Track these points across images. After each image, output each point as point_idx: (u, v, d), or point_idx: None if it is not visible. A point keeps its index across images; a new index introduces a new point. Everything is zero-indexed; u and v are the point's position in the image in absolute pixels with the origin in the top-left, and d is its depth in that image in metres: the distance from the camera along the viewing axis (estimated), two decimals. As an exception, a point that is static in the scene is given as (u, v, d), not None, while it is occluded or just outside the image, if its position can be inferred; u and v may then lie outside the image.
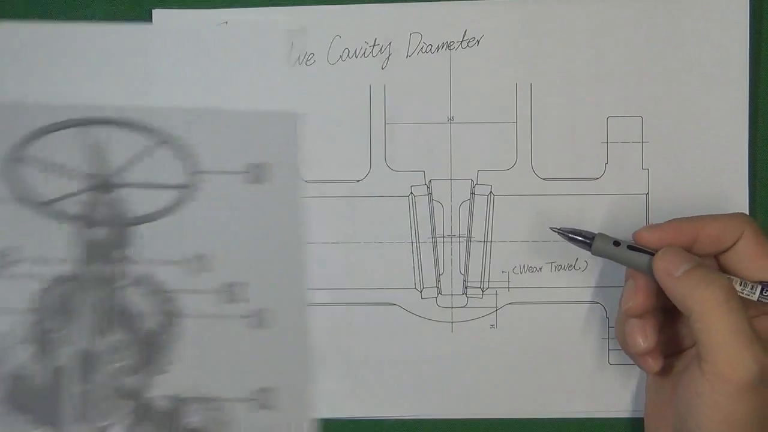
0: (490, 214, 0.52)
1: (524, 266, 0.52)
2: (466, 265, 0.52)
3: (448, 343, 0.52)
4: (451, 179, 0.52)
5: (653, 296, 0.45)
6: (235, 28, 0.52)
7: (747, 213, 0.49)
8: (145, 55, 0.51)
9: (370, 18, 0.52)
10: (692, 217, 0.45)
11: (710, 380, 0.40)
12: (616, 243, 0.45)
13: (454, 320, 0.52)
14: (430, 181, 0.52)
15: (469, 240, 0.52)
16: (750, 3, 0.51)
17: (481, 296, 0.52)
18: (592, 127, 0.51)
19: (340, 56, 0.52)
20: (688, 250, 0.44)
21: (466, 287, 0.52)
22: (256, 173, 0.51)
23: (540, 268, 0.52)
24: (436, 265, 0.52)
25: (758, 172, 0.52)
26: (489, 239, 0.52)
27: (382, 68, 0.52)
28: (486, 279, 0.52)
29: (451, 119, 0.52)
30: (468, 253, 0.52)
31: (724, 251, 0.44)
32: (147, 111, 0.51)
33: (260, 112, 0.51)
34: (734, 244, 0.44)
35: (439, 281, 0.52)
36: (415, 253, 0.52)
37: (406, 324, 0.52)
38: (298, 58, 0.52)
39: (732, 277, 0.44)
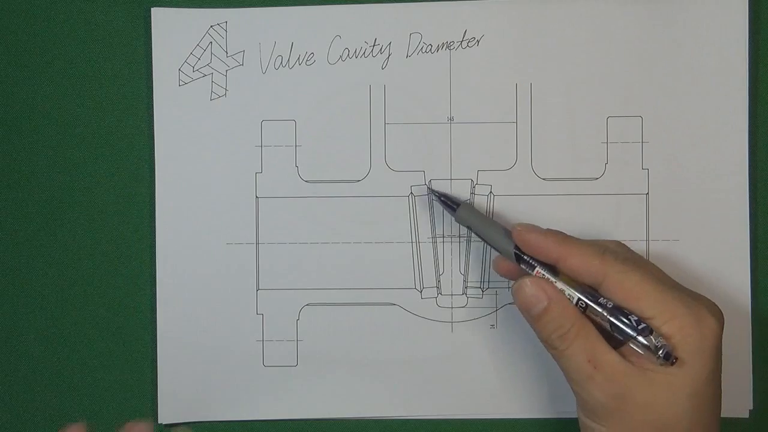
0: (490, 214, 0.52)
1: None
2: (466, 265, 0.52)
3: (448, 343, 0.52)
4: (451, 179, 0.52)
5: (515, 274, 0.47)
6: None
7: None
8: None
9: (370, 18, 0.51)
10: (570, 241, 0.45)
11: (578, 406, 0.45)
12: (469, 226, 0.49)
13: (454, 320, 0.52)
14: (431, 181, 0.52)
15: (469, 240, 0.52)
16: (750, 3, 0.51)
17: (481, 296, 0.52)
18: (592, 127, 0.51)
19: (340, 56, 0.52)
20: (552, 265, 0.45)
21: (466, 287, 0.52)
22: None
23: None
24: (436, 265, 0.52)
25: (758, 172, 0.52)
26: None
27: (382, 68, 0.52)
28: (486, 279, 0.52)
29: (451, 119, 0.52)
30: (468, 253, 0.52)
31: (593, 285, 0.44)
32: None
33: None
34: (599, 285, 0.44)
35: (439, 281, 0.52)
36: (415, 253, 0.52)
37: (406, 324, 0.52)
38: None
39: (569, 291, 0.44)
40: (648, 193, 0.51)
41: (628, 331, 0.42)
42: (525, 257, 0.46)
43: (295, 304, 0.52)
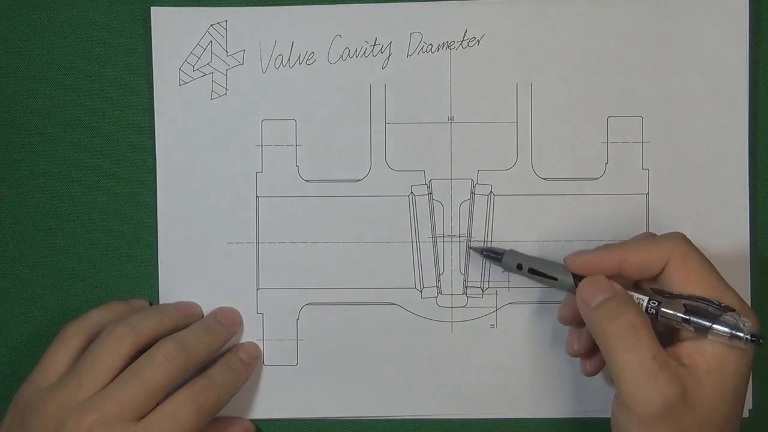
0: (490, 214, 0.52)
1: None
2: (466, 265, 0.52)
3: (448, 343, 0.52)
4: (451, 179, 0.52)
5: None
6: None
7: (682, 233, 0.45)
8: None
9: (371, 18, 0.51)
10: (620, 244, 0.45)
11: (621, 409, 0.42)
12: (519, 266, 0.48)
13: (454, 320, 0.52)
14: (431, 180, 0.52)
15: (469, 240, 0.52)
16: (750, 3, 0.51)
17: (481, 296, 0.52)
18: (592, 127, 0.51)
19: (341, 56, 0.52)
20: (617, 276, 0.45)
21: (466, 287, 0.52)
22: (256, 173, 0.51)
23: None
24: (436, 265, 0.52)
25: (758, 172, 0.52)
26: (489, 239, 0.52)
27: (383, 68, 0.52)
28: (486, 279, 0.52)
29: (451, 119, 0.52)
30: (468, 252, 0.52)
31: (656, 275, 0.44)
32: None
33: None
34: (663, 270, 0.44)
35: (439, 281, 0.52)
36: (415, 253, 0.52)
37: (406, 324, 0.52)
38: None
39: (636, 296, 0.44)
40: (648, 193, 0.51)
41: (708, 317, 0.42)
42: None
43: (295, 303, 0.52)
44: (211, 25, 0.52)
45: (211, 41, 0.52)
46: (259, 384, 0.52)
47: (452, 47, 0.51)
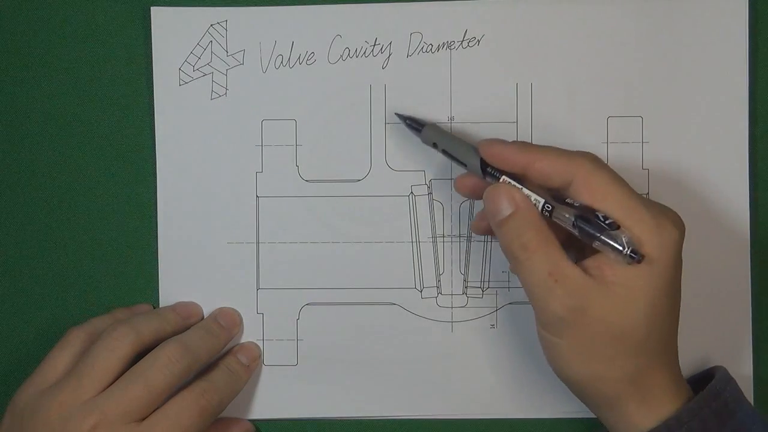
0: (490, 214, 0.52)
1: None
2: (466, 265, 0.52)
3: (448, 343, 0.52)
4: (451, 179, 0.52)
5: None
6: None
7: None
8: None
9: (371, 18, 0.51)
10: (534, 147, 0.45)
11: (535, 320, 0.45)
12: (435, 145, 0.48)
13: (454, 320, 0.52)
14: (431, 180, 0.52)
15: (469, 240, 0.52)
16: (750, 3, 0.51)
17: (481, 296, 0.52)
18: (592, 127, 0.51)
19: (341, 56, 0.52)
20: (523, 175, 0.44)
21: (466, 287, 0.52)
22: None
23: (487, 239, 0.52)
24: (436, 265, 0.52)
25: (758, 172, 0.52)
26: (489, 239, 0.52)
27: (383, 68, 0.52)
28: (486, 279, 0.52)
29: (451, 119, 0.52)
30: (468, 253, 0.52)
31: (560, 188, 0.44)
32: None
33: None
34: (570, 186, 0.44)
35: (439, 281, 0.52)
36: (415, 253, 0.52)
37: (406, 324, 0.52)
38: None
39: (534, 197, 0.44)
40: (648, 193, 0.51)
41: (595, 229, 0.42)
42: (490, 170, 0.45)
43: (295, 303, 0.52)
44: (211, 25, 0.52)
45: (211, 41, 0.52)
46: (259, 384, 0.52)
47: (452, 47, 0.51)
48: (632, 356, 0.43)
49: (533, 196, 0.44)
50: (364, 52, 0.52)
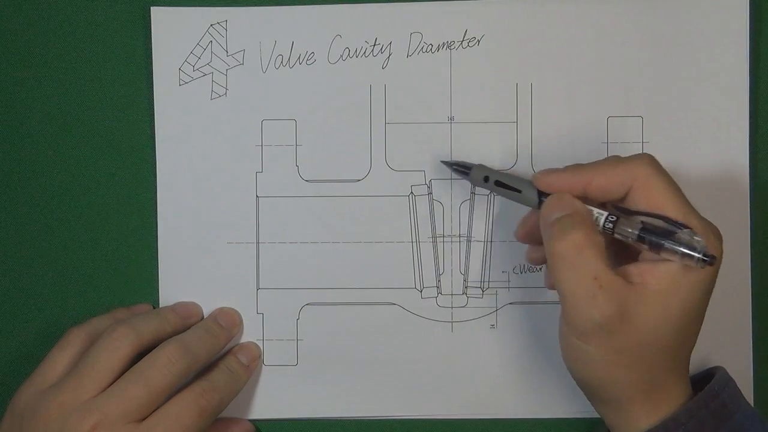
0: (490, 214, 0.52)
1: (524, 266, 0.52)
2: (466, 265, 0.52)
3: (448, 343, 0.52)
4: (451, 179, 0.52)
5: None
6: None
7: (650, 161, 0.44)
8: (145, 54, 0.51)
9: (371, 18, 0.51)
10: (588, 166, 0.45)
11: (563, 321, 0.43)
12: (486, 178, 0.47)
13: (454, 320, 0.52)
14: (431, 180, 0.52)
15: (469, 240, 0.52)
16: (750, 3, 0.51)
17: (481, 296, 0.52)
18: (592, 127, 0.51)
19: (341, 56, 0.52)
20: (582, 197, 0.44)
21: (466, 287, 0.52)
22: (256, 173, 0.51)
23: (540, 268, 0.52)
24: (436, 265, 0.52)
25: (758, 172, 0.52)
26: (489, 239, 0.52)
27: (383, 68, 0.52)
28: (486, 279, 0.52)
29: (451, 119, 0.52)
30: (468, 253, 0.52)
31: (621, 198, 0.44)
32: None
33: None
34: (627, 193, 0.44)
35: (439, 281, 0.52)
36: (415, 253, 0.52)
37: (406, 324, 0.52)
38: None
39: (595, 210, 0.44)
40: (648, 193, 0.51)
41: (662, 235, 0.42)
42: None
43: (295, 303, 0.52)
44: (211, 25, 0.52)
45: (211, 41, 0.52)
46: (259, 384, 0.52)
47: (452, 47, 0.51)
48: (655, 362, 0.43)
49: (595, 210, 0.44)
50: (364, 52, 0.52)
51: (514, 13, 0.51)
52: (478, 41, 0.51)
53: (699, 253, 0.41)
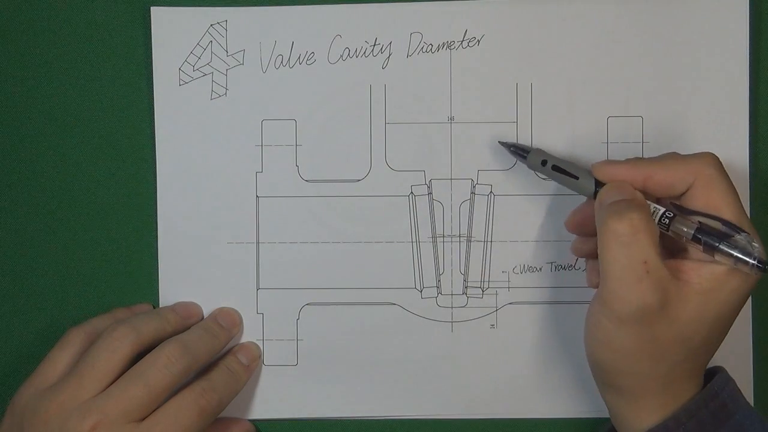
0: (490, 214, 0.52)
1: (524, 266, 0.52)
2: (466, 265, 0.52)
3: (448, 343, 0.52)
4: (451, 179, 0.52)
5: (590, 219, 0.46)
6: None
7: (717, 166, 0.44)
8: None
9: (371, 18, 0.51)
10: (648, 160, 0.45)
11: (600, 303, 0.43)
12: (544, 162, 0.47)
13: (454, 320, 0.52)
14: (431, 180, 0.52)
15: (469, 240, 0.52)
16: (750, 3, 0.51)
17: (481, 296, 0.52)
18: (592, 127, 0.51)
19: (341, 56, 0.52)
20: (641, 190, 0.44)
21: (466, 287, 0.52)
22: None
23: (540, 268, 0.52)
24: (436, 265, 0.52)
25: (758, 173, 0.52)
26: (489, 239, 0.52)
27: (383, 68, 0.52)
28: (486, 279, 0.52)
29: (451, 119, 0.52)
30: (468, 253, 0.52)
31: (679, 195, 0.44)
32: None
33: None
34: (687, 191, 0.44)
35: (439, 281, 0.52)
36: (415, 253, 0.52)
37: (406, 324, 0.52)
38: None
39: (653, 205, 0.44)
40: (648, 193, 0.51)
41: (717, 238, 0.42)
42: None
43: (295, 303, 0.52)
44: (211, 25, 0.52)
45: (211, 41, 0.52)
46: (259, 384, 0.52)
47: (452, 47, 0.51)
48: (679, 359, 0.43)
49: (652, 205, 0.44)
50: (364, 52, 0.52)
51: (514, 13, 0.51)
52: (478, 41, 0.51)
53: (754, 260, 0.41)
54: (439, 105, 0.52)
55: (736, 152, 0.51)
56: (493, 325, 0.52)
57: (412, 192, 0.52)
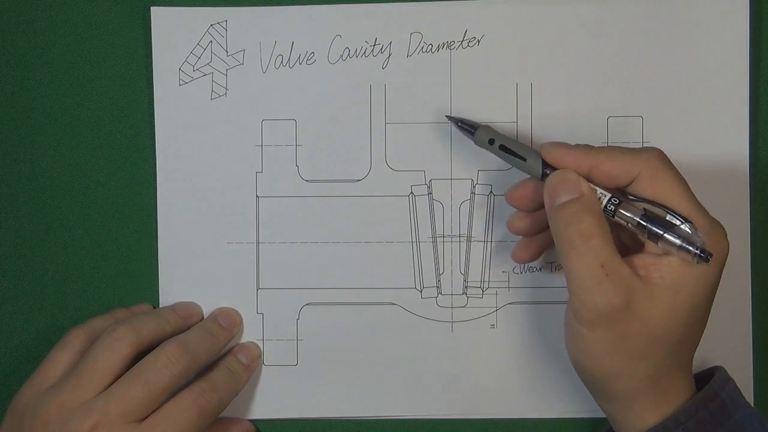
0: (490, 214, 0.52)
1: (524, 266, 0.52)
2: (466, 265, 0.52)
3: (448, 343, 0.52)
4: (451, 179, 0.52)
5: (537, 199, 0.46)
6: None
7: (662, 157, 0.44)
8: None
9: (371, 18, 0.51)
10: (598, 149, 0.45)
11: (571, 311, 0.43)
12: (491, 140, 0.47)
13: (454, 320, 0.52)
14: (431, 180, 0.52)
15: (469, 240, 0.52)
16: (750, 3, 0.51)
17: (481, 296, 0.52)
18: (592, 127, 0.51)
19: (341, 56, 0.52)
20: (587, 177, 0.44)
21: (466, 287, 0.52)
22: (256, 173, 0.51)
23: (540, 268, 0.52)
24: (436, 265, 0.52)
25: (758, 173, 0.52)
26: (489, 239, 0.52)
27: (383, 68, 0.52)
28: (486, 279, 0.52)
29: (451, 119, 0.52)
30: (468, 253, 0.52)
31: (625, 186, 0.44)
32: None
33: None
34: (632, 182, 0.44)
35: (439, 281, 0.52)
36: (415, 253, 0.52)
37: (406, 324, 0.52)
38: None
39: (600, 190, 0.44)
40: (648, 193, 0.51)
41: (662, 226, 0.42)
42: (550, 172, 0.45)
43: (295, 303, 0.52)
44: (211, 25, 0.52)
45: (211, 41, 0.52)
46: (259, 384, 0.52)
47: (452, 47, 0.51)
48: (661, 357, 0.43)
49: (599, 190, 0.44)
50: (364, 52, 0.52)
51: (514, 13, 0.51)
52: (478, 41, 0.51)
53: (696, 249, 0.41)
54: (439, 105, 0.52)
55: (736, 152, 0.51)
56: (493, 325, 0.52)
57: (412, 192, 0.52)
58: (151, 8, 0.52)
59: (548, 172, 0.45)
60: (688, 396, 0.44)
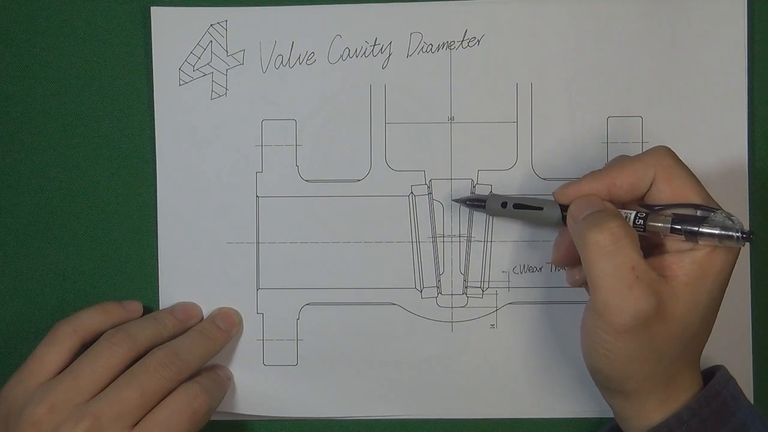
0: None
1: (524, 266, 0.52)
2: (466, 265, 0.52)
3: (448, 343, 0.52)
4: (451, 179, 0.52)
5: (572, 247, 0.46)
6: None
7: (666, 151, 0.45)
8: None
9: (371, 18, 0.51)
10: (605, 169, 0.45)
11: (594, 317, 0.42)
12: (504, 204, 0.48)
13: (454, 320, 0.52)
14: (431, 180, 0.52)
15: (469, 240, 0.52)
16: (749, 3, 0.51)
17: (481, 296, 0.52)
18: (592, 127, 0.51)
19: (341, 56, 0.52)
20: (609, 199, 0.44)
21: (466, 287, 0.52)
22: (256, 173, 0.51)
23: (540, 268, 0.52)
24: (436, 265, 0.52)
25: (757, 172, 0.52)
26: (489, 239, 0.52)
27: (383, 68, 0.52)
28: (486, 279, 0.52)
29: (451, 119, 0.52)
30: (468, 253, 0.52)
31: (644, 195, 0.44)
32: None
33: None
34: (650, 187, 0.44)
35: (439, 281, 0.52)
36: (415, 252, 0.52)
37: (406, 324, 0.52)
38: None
39: (623, 211, 0.44)
40: (648, 193, 0.51)
41: (695, 222, 0.42)
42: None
43: (295, 303, 0.52)
44: (211, 25, 0.52)
45: (211, 41, 0.52)
46: (259, 384, 0.52)
47: (452, 47, 0.51)
48: (677, 354, 0.43)
49: (623, 211, 0.44)
50: (364, 52, 0.52)
51: (514, 13, 0.51)
52: (478, 41, 0.51)
53: (737, 232, 0.41)
54: (439, 105, 0.52)
55: (735, 152, 0.51)
56: (493, 325, 0.52)
57: (412, 192, 0.52)
58: (151, 8, 0.52)
59: (570, 207, 0.45)
60: (695, 391, 0.44)
